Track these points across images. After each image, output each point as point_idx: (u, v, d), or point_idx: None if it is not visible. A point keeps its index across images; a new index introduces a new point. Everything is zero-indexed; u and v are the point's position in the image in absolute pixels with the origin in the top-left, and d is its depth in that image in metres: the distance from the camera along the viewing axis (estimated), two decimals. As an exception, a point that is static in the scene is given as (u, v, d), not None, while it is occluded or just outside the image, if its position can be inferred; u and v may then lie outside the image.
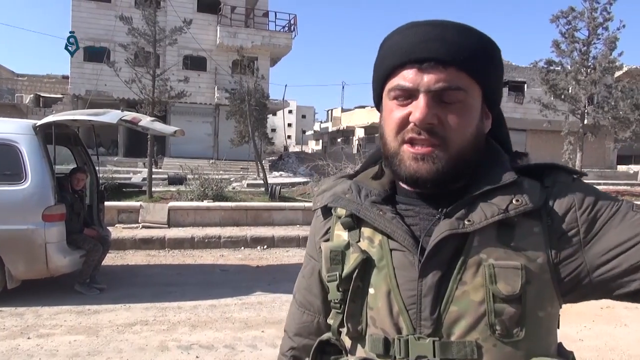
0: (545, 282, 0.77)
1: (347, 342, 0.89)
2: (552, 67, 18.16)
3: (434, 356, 0.76)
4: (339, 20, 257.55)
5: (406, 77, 0.78)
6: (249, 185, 15.90)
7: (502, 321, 0.75)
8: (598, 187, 1.06)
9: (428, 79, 0.77)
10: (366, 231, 0.86)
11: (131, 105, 17.52)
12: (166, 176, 16.51)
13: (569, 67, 17.96)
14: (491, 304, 0.75)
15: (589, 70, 17.63)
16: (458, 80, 0.77)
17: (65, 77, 27.53)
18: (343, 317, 0.86)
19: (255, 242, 8.33)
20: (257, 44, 26.29)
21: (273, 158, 30.02)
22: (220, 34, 25.91)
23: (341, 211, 0.89)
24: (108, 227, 6.78)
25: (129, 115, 5.79)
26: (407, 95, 0.79)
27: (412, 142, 0.79)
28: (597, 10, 17.33)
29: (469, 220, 0.78)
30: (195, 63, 25.96)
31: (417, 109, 0.77)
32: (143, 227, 8.79)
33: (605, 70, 17.35)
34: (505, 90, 27.02)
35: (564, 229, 0.78)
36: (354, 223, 0.87)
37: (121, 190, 12.07)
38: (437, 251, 0.78)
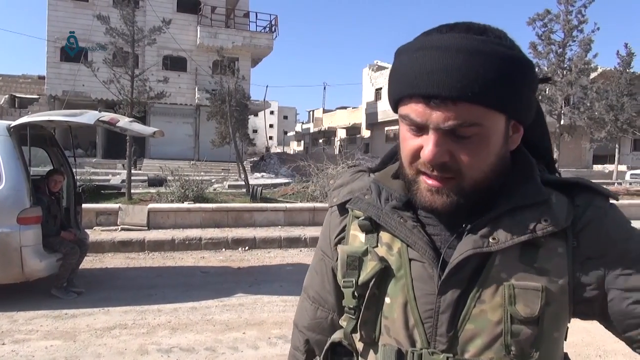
0: (563, 303, 0.76)
1: (359, 345, 0.88)
2: (529, 69, 18.49)
3: None
4: (321, 21, 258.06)
5: (415, 110, 0.73)
6: (230, 186, 15.81)
7: (518, 342, 0.74)
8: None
9: (436, 116, 0.71)
10: (385, 236, 0.83)
11: (109, 106, 17.25)
12: (146, 178, 16.34)
13: (545, 68, 18.32)
14: (508, 325, 0.74)
15: (565, 71, 18.01)
16: (471, 115, 0.70)
17: (42, 78, 27.00)
18: (357, 323, 0.84)
19: (237, 243, 8.28)
20: (237, 45, 26.19)
21: (255, 159, 29.96)
22: (201, 34, 25.74)
23: (358, 211, 0.86)
24: (86, 230, 6.66)
25: (107, 115, 5.69)
26: (419, 127, 0.74)
27: (426, 174, 0.76)
28: (572, 13, 17.71)
29: (493, 239, 0.75)
30: (175, 63, 25.73)
31: (427, 146, 0.73)
32: (122, 229, 8.66)
33: (581, 71, 17.74)
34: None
35: (590, 254, 0.76)
36: (373, 227, 0.84)
37: (99, 192, 11.89)
38: (459, 269, 0.76)
